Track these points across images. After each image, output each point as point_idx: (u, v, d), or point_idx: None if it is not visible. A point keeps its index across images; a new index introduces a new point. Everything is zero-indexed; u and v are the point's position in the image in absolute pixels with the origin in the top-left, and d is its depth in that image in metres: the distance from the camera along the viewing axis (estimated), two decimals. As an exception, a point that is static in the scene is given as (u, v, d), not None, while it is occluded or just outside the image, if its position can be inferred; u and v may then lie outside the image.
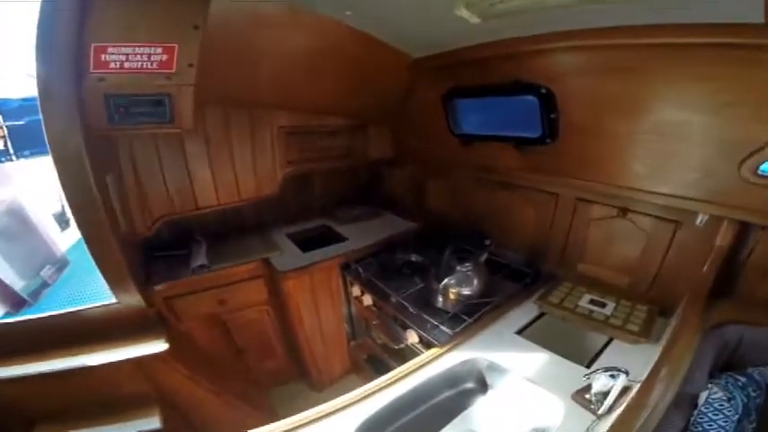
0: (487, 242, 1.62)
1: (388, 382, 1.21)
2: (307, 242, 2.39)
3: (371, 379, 1.21)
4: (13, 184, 3.37)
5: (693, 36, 1.05)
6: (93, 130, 1.35)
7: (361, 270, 1.96)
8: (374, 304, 1.91)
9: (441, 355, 1.33)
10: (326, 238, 2.58)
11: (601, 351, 1.28)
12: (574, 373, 1.16)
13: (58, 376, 1.49)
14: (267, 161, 2.16)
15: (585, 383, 1.07)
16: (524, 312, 1.55)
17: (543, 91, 1.47)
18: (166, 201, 1.90)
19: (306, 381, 2.51)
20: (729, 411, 0.97)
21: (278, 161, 2.20)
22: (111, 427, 1.64)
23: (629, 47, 1.22)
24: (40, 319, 1.56)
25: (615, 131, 1.40)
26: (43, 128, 1.20)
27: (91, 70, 1.25)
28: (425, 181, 2.50)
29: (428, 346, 1.52)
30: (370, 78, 2.01)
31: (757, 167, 1.10)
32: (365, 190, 3.09)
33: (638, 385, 0.99)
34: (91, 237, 1.38)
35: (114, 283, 1.53)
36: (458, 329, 1.45)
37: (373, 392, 1.17)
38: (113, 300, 1.60)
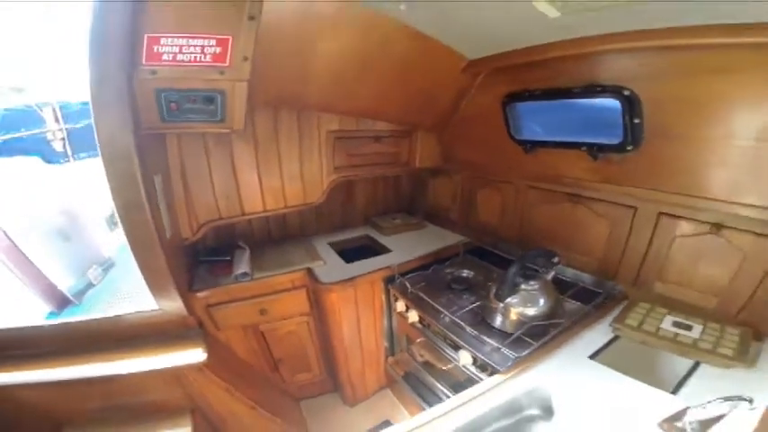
0: (555, 260, 1.47)
1: (444, 412, 1.09)
2: (350, 252, 2.31)
3: (407, 395, 1.05)
4: (69, 185, 3.52)
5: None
6: (143, 128, 1.31)
7: (408, 284, 1.84)
8: (420, 321, 1.79)
9: (504, 381, 1.19)
10: (369, 248, 2.50)
11: (687, 376, 1.16)
12: (659, 400, 1.05)
13: (89, 382, 1.43)
14: (314, 167, 2.10)
15: (675, 411, 0.96)
16: (596, 335, 1.39)
17: (627, 93, 1.34)
18: (213, 205, 1.86)
19: (338, 393, 2.41)
20: None
21: (325, 167, 2.13)
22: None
23: (725, 46, 1.10)
24: (78, 323, 1.52)
25: (708, 137, 1.26)
26: (93, 124, 1.15)
27: (143, 62, 1.20)
28: (475, 192, 2.36)
29: (483, 368, 1.41)
30: (421, 81, 1.91)
31: None
32: (408, 199, 2.99)
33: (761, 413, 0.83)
34: (136, 240, 1.33)
35: (157, 289, 1.48)
36: (524, 354, 1.31)
37: (428, 422, 1.06)
38: (155, 306, 1.55)
